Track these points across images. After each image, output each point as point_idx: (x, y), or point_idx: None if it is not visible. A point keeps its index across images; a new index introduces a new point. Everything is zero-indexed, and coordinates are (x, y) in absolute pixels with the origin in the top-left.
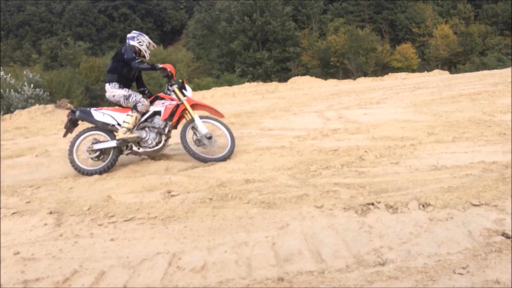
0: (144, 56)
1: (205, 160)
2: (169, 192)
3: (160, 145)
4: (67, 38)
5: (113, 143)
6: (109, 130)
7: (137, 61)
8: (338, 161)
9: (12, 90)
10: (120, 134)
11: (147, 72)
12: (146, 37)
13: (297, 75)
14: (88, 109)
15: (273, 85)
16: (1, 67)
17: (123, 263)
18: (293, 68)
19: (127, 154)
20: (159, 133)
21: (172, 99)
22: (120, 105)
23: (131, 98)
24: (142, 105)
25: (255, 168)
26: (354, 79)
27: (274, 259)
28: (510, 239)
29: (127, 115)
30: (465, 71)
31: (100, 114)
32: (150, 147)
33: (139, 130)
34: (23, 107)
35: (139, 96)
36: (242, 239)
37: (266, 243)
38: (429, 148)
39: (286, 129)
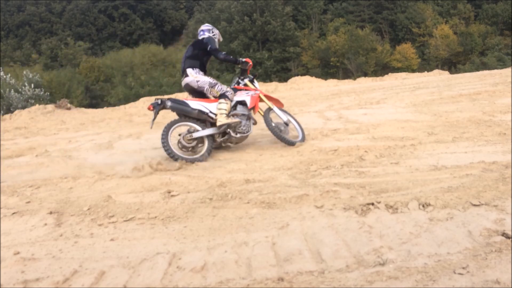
0: None
1: (293, 143)
2: (169, 192)
3: (251, 130)
4: (67, 38)
5: (210, 131)
6: (203, 119)
7: (222, 52)
8: (338, 161)
9: (12, 90)
10: (222, 119)
11: (148, 73)
12: (217, 30)
13: (297, 75)
14: (179, 99)
15: (273, 85)
16: (1, 67)
17: (123, 263)
18: (293, 68)
19: (220, 142)
20: (249, 119)
21: (250, 90)
22: (200, 92)
23: (217, 87)
24: (231, 94)
25: (255, 168)
26: (354, 79)
27: (274, 259)
28: (510, 239)
29: (220, 102)
30: (465, 71)
31: (195, 104)
32: (244, 133)
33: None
34: (23, 107)
35: (224, 86)
36: (242, 239)
37: (266, 243)
38: (429, 148)
39: None
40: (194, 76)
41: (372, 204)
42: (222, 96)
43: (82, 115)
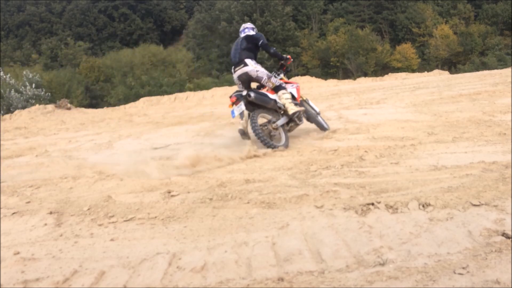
0: None
1: (325, 128)
2: (169, 192)
3: (305, 118)
4: (67, 38)
5: (285, 119)
6: (275, 108)
7: (274, 48)
8: (338, 161)
9: (13, 90)
10: (294, 107)
11: (148, 73)
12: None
13: (297, 75)
14: (259, 91)
15: None
16: (1, 67)
17: (123, 263)
18: (293, 68)
19: (289, 129)
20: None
21: (290, 83)
22: (257, 81)
23: (273, 79)
24: (285, 86)
25: (255, 168)
26: (354, 79)
27: (274, 259)
28: (510, 239)
29: (284, 93)
30: (465, 71)
31: (270, 95)
32: (302, 121)
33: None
34: (23, 107)
35: (277, 79)
36: (242, 239)
37: (266, 243)
38: (429, 148)
39: None
40: (254, 66)
41: (372, 204)
42: (280, 87)
43: (82, 115)
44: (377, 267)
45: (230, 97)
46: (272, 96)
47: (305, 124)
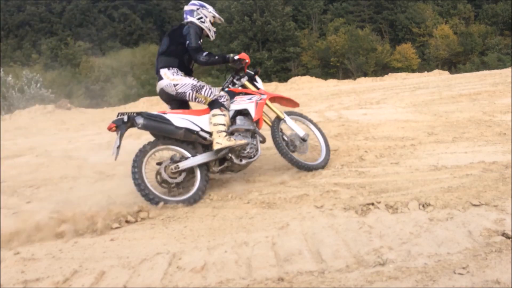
0: (208, 36)
1: (309, 168)
2: (169, 192)
3: (259, 153)
4: (67, 38)
5: (204, 157)
6: (191, 140)
7: (204, 54)
8: (338, 161)
9: (14, 90)
10: (222, 141)
11: (148, 73)
12: (211, 8)
13: (297, 75)
14: (155, 113)
15: (273, 85)
16: (1, 67)
17: (123, 263)
18: (293, 68)
19: (218, 172)
20: (255, 137)
21: (252, 93)
22: (180, 99)
23: (204, 90)
24: (226, 100)
25: (255, 168)
26: (354, 79)
27: (274, 259)
28: (510, 239)
29: (214, 114)
30: (465, 71)
31: (178, 119)
32: (251, 157)
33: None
34: (24, 107)
35: (215, 89)
36: (242, 239)
37: (266, 243)
38: (429, 148)
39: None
40: (171, 79)
41: (372, 204)
42: (215, 104)
43: (82, 115)
44: (377, 267)
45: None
46: (176, 122)
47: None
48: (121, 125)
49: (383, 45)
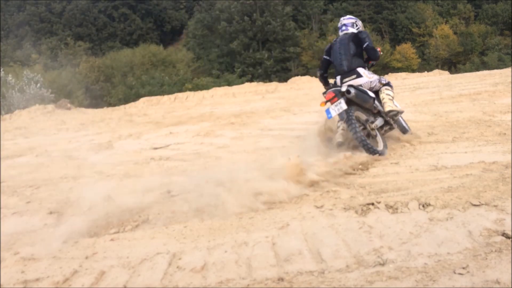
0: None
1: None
2: (169, 192)
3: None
4: (67, 38)
5: (382, 120)
6: (371, 108)
7: (378, 50)
8: None
9: (14, 90)
10: (393, 106)
11: (148, 73)
12: (360, 22)
13: (297, 75)
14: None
15: (273, 85)
16: (1, 67)
17: (123, 263)
18: (293, 68)
19: (383, 133)
20: None
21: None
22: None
23: (382, 79)
24: (391, 84)
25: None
26: None
27: (274, 259)
28: (510, 239)
29: (387, 89)
30: (465, 71)
31: (370, 92)
32: (395, 126)
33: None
34: (24, 107)
35: (380, 76)
36: (242, 239)
37: (266, 243)
38: (429, 148)
39: (286, 129)
40: (369, 77)
41: (372, 204)
42: (387, 83)
43: (82, 115)
44: (377, 267)
45: (324, 93)
46: (371, 93)
47: (305, 124)
48: (338, 94)
49: (383, 45)
